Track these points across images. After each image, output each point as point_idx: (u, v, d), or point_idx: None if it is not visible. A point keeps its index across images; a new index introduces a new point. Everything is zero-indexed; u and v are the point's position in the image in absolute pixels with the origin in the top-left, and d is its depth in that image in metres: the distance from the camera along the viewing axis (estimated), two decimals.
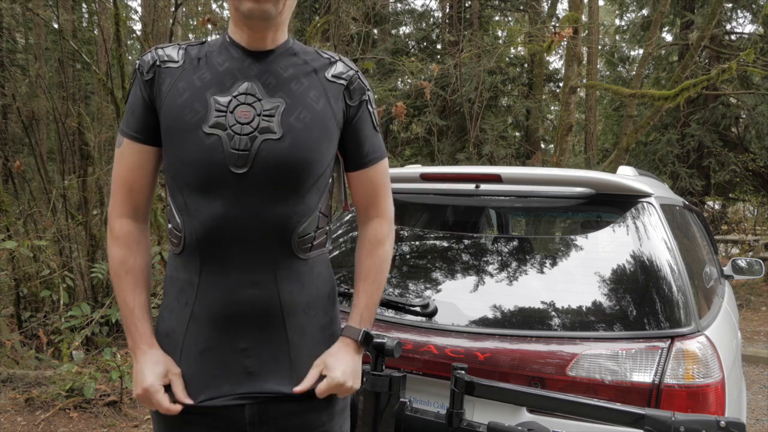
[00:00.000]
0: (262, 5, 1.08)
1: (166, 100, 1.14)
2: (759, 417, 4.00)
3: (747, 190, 12.53)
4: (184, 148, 1.12)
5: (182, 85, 1.14)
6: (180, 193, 1.14)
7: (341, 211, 1.87)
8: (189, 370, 1.16)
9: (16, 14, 6.30)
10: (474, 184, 2.09)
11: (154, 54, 1.19)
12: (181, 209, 1.15)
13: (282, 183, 1.13)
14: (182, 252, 1.16)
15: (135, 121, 1.18)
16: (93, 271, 4.55)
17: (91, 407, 3.52)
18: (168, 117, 1.13)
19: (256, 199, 1.12)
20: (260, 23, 1.11)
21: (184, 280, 1.16)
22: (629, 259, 1.75)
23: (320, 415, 1.21)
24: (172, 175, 1.15)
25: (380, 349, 1.45)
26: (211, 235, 1.12)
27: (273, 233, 1.14)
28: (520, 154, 11.76)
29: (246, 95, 1.13)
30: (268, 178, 1.12)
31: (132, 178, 1.19)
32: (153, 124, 1.18)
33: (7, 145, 7.06)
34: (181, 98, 1.13)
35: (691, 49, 6.64)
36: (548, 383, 1.56)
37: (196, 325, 1.15)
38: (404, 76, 9.61)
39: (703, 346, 1.56)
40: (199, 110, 1.12)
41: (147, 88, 1.17)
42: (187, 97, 1.13)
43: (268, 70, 1.17)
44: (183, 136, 1.12)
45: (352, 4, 7.16)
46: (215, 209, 1.11)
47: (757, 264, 3.29)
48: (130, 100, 1.19)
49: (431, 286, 1.92)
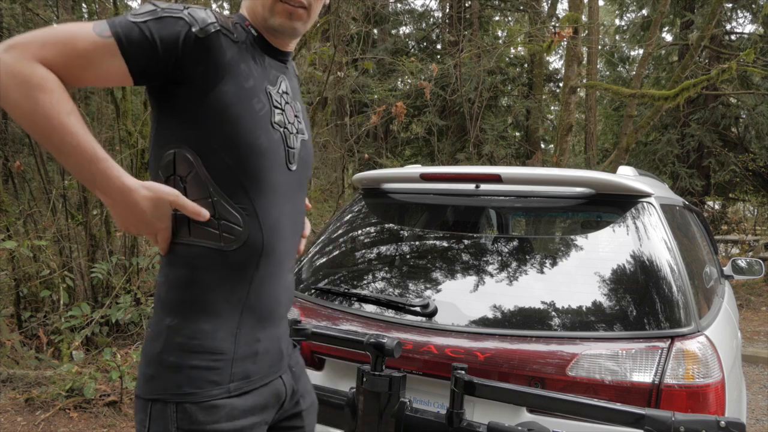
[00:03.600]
0: (294, 23, 1.13)
1: (228, 79, 1.04)
2: (759, 417, 4.00)
3: (747, 190, 12.54)
4: (259, 141, 1.07)
5: (245, 69, 1.07)
6: (245, 189, 1.07)
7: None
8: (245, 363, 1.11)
9: (16, 14, 6.31)
10: (474, 184, 2.09)
11: (212, 13, 1.05)
12: (244, 205, 1.07)
13: (305, 180, 1.24)
14: (239, 248, 1.08)
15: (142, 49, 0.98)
16: (93, 271, 4.55)
17: (91, 407, 3.52)
18: (234, 101, 1.04)
19: (296, 196, 1.21)
20: (288, 38, 1.18)
21: (235, 278, 1.09)
22: (629, 259, 1.75)
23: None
24: (235, 167, 1.05)
25: (380, 349, 1.45)
26: (273, 230, 1.12)
27: (301, 225, 1.25)
28: (520, 154, 11.77)
29: (287, 94, 1.18)
30: (302, 176, 1.22)
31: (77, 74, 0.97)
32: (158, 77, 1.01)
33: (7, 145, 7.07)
34: (248, 84, 1.07)
35: (691, 49, 6.64)
36: (548, 383, 1.56)
37: (249, 319, 1.11)
38: (404, 76, 9.62)
39: (703, 346, 1.56)
40: (264, 102, 1.10)
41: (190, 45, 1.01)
42: (253, 85, 1.08)
43: (291, 71, 1.24)
44: (257, 130, 1.07)
45: (352, 4, 7.16)
46: (278, 206, 1.13)
47: (757, 264, 3.29)
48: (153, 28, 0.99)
49: (431, 286, 1.92)
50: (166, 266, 1.10)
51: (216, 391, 1.06)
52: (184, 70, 1.01)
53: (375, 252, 2.16)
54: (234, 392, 1.08)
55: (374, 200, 2.36)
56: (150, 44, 0.98)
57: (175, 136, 1.05)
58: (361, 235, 2.28)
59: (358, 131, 7.78)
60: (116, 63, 0.98)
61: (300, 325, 1.58)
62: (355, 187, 2.46)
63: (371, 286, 2.02)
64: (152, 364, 1.06)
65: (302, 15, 1.13)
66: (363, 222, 2.32)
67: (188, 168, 1.05)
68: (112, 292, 4.63)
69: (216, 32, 1.03)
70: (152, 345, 1.08)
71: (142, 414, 1.07)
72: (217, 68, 1.03)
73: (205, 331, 1.06)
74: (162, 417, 1.04)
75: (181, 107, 1.04)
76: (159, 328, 1.08)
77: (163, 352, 1.05)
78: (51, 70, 0.94)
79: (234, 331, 1.09)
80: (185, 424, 1.04)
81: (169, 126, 1.05)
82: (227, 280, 1.08)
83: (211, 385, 1.06)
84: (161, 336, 1.07)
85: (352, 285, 2.05)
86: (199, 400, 1.05)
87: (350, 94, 8.44)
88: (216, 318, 1.07)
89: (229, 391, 1.07)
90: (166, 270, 1.10)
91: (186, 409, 1.04)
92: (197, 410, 1.04)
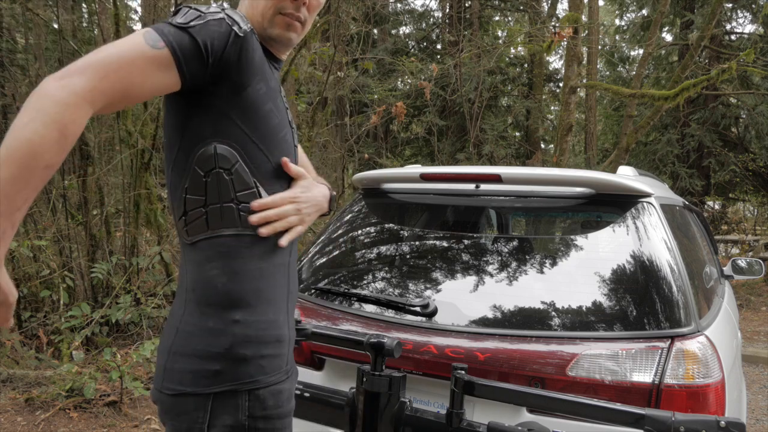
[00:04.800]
0: (290, 33, 1.19)
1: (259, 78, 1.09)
2: (759, 417, 4.00)
3: (747, 190, 12.54)
4: (286, 136, 1.17)
5: (268, 69, 1.15)
6: (279, 180, 1.16)
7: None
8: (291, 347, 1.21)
9: (16, 14, 6.30)
10: (474, 184, 2.09)
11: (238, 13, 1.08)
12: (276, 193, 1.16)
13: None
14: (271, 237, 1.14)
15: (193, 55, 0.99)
16: (93, 271, 4.55)
17: (91, 407, 3.52)
18: (266, 102, 1.11)
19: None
20: (282, 47, 1.22)
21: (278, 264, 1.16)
22: (629, 259, 1.75)
23: None
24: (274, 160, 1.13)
25: (380, 349, 1.45)
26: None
27: None
28: (520, 154, 11.77)
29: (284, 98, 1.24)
30: None
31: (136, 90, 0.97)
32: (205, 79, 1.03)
33: None
34: (272, 83, 1.15)
35: (691, 49, 6.64)
36: (548, 383, 1.56)
37: (290, 304, 1.21)
38: (404, 76, 9.62)
39: (703, 346, 1.56)
40: (284, 102, 1.18)
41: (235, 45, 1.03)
42: (275, 85, 1.16)
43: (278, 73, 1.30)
44: (282, 124, 1.16)
45: (352, 4, 7.16)
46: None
47: (757, 264, 3.29)
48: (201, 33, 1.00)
49: (431, 286, 1.92)
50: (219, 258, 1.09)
51: (280, 377, 1.14)
52: (225, 68, 1.04)
53: (375, 252, 2.16)
54: (288, 375, 1.18)
55: (374, 200, 2.36)
56: (200, 50, 1.00)
57: (214, 130, 1.06)
58: (361, 235, 2.28)
59: (358, 131, 7.78)
60: (170, 74, 1.00)
61: (300, 325, 1.58)
62: (355, 187, 2.46)
63: (371, 286, 2.02)
64: (217, 359, 1.06)
65: (298, 28, 1.21)
66: (363, 222, 2.32)
67: (231, 161, 1.08)
68: (112, 292, 4.63)
69: (251, 31, 1.08)
70: (212, 341, 1.07)
71: (198, 411, 1.06)
72: (252, 66, 1.07)
73: (271, 321, 1.13)
74: (229, 408, 1.06)
75: (218, 103, 1.06)
76: (219, 325, 1.07)
77: (233, 348, 1.06)
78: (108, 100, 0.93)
79: (286, 317, 1.17)
80: (257, 410, 1.09)
81: (205, 121, 1.06)
82: (278, 266, 1.16)
83: (278, 371, 1.13)
84: (226, 332, 1.06)
85: (352, 285, 2.05)
86: (269, 384, 1.11)
87: (350, 94, 8.44)
88: (276, 306, 1.15)
89: (287, 374, 1.17)
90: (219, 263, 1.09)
91: (258, 396, 1.09)
92: (268, 395, 1.10)
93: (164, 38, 0.98)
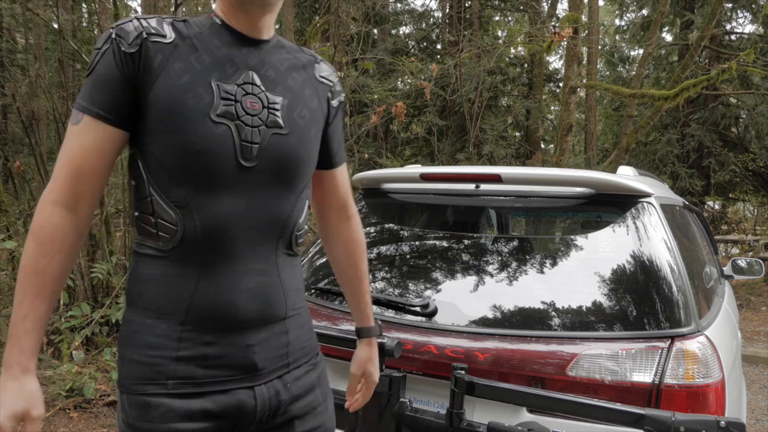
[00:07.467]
0: None
1: (160, 80, 1.04)
2: (759, 417, 4.00)
3: (747, 190, 12.54)
4: (190, 137, 1.04)
5: (179, 66, 1.05)
6: (178, 186, 1.05)
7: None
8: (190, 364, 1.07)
9: (16, 14, 6.30)
10: (474, 184, 2.09)
11: (138, 24, 1.05)
12: (179, 202, 1.06)
13: (285, 179, 1.14)
14: (176, 247, 1.07)
15: (103, 98, 1.03)
16: (93, 271, 4.55)
17: (91, 407, 3.52)
18: (165, 99, 1.04)
19: (261, 194, 1.11)
20: (258, 9, 1.11)
21: (177, 275, 1.08)
22: (629, 259, 1.75)
23: None
24: (168, 164, 1.04)
25: (380, 349, 1.45)
26: (218, 228, 1.07)
27: (276, 228, 1.15)
28: (520, 154, 11.77)
29: (251, 85, 1.11)
30: (273, 173, 1.12)
31: (85, 162, 1.03)
32: (127, 104, 1.05)
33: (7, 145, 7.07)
34: (181, 80, 1.05)
35: (691, 49, 6.64)
36: (548, 383, 1.56)
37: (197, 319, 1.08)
38: (404, 76, 9.61)
39: (703, 346, 1.56)
40: (203, 96, 1.05)
41: (128, 62, 1.03)
42: (188, 79, 1.05)
43: (267, 61, 1.15)
44: (188, 124, 1.04)
45: (352, 4, 7.16)
46: (223, 202, 1.07)
47: (757, 264, 3.29)
48: (98, 72, 1.04)
49: (431, 286, 1.92)
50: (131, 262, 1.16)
51: (152, 389, 1.05)
52: (129, 83, 1.05)
53: (375, 252, 2.16)
54: (173, 391, 1.05)
55: (374, 200, 2.36)
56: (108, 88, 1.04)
57: (131, 140, 1.10)
58: None
59: (358, 131, 7.78)
60: (103, 126, 1.04)
61: None
62: (355, 187, 2.46)
63: (371, 285, 2.02)
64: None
65: None
66: (363, 222, 2.32)
67: (136, 169, 1.10)
68: (112, 292, 4.63)
69: (143, 40, 1.05)
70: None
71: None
72: (150, 74, 1.05)
73: (146, 325, 1.07)
74: (121, 407, 1.09)
75: (131, 112, 1.07)
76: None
77: (119, 343, 1.11)
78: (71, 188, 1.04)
79: (177, 329, 1.07)
80: (126, 416, 1.07)
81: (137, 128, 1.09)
82: (169, 277, 1.08)
83: (146, 381, 1.05)
84: (121, 329, 1.12)
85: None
86: (133, 392, 1.05)
87: (350, 94, 8.43)
88: (159, 314, 1.07)
89: (166, 388, 1.05)
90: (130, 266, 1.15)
91: (123, 401, 1.07)
92: (132, 404, 1.05)
93: (78, 107, 1.05)
